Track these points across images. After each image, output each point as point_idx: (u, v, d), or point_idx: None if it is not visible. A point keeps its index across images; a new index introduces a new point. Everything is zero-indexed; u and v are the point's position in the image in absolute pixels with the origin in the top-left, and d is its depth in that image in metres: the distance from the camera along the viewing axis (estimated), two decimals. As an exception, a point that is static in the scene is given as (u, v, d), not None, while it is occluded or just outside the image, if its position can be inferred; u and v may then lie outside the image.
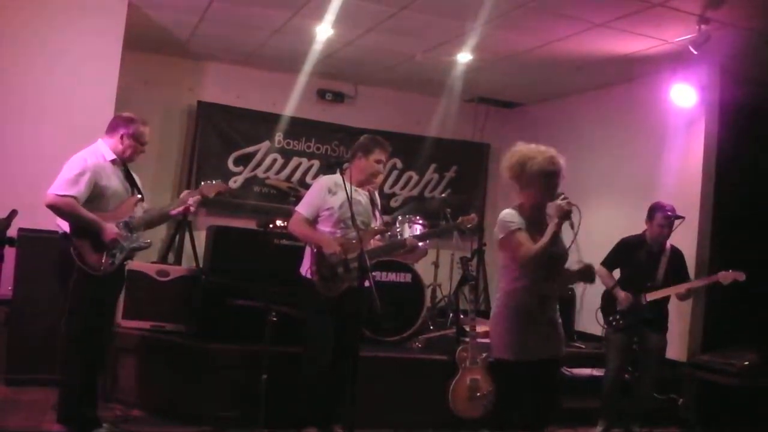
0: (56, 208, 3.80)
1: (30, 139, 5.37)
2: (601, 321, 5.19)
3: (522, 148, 3.52)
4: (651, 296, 4.99)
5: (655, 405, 5.38)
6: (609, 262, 5.22)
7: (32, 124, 5.39)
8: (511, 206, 3.55)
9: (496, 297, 3.61)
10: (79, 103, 5.49)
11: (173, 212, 4.25)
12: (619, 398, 5.11)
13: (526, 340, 3.44)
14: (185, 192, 4.41)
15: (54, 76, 5.49)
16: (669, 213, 5.00)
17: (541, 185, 3.43)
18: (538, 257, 3.35)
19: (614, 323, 5.05)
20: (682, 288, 5.00)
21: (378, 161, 4.45)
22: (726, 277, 4.82)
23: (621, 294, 5.04)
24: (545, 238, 3.36)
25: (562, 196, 3.37)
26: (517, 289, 3.47)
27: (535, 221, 3.50)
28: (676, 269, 5.12)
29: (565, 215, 3.33)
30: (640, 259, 5.08)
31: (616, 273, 5.24)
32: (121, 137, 4.05)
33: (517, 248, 3.39)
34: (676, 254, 5.15)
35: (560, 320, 3.58)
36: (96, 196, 3.90)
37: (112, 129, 4.10)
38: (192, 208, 4.24)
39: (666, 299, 5.09)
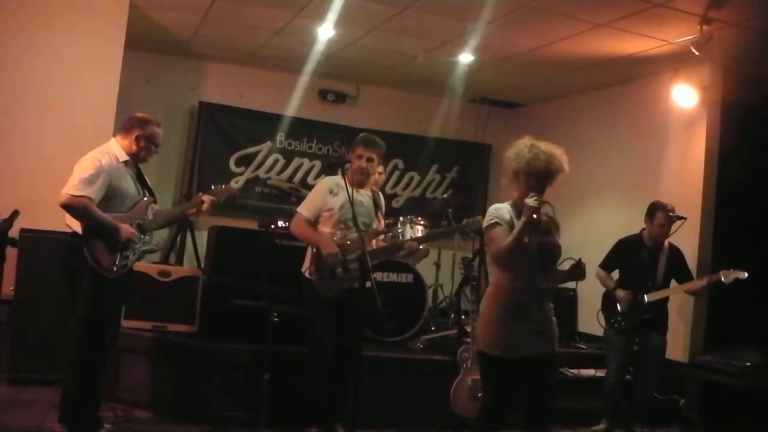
0: (71, 208, 3.77)
1: (32, 140, 5.36)
2: (603, 322, 5.19)
3: (524, 142, 3.52)
4: (651, 297, 4.98)
5: (656, 405, 5.37)
6: (608, 264, 5.21)
7: (34, 124, 5.39)
8: (508, 201, 3.58)
9: (487, 290, 3.58)
10: (80, 104, 5.49)
11: (189, 212, 4.35)
12: (620, 399, 5.10)
13: (514, 335, 3.38)
14: (199, 195, 4.41)
15: (55, 77, 5.48)
16: (670, 212, 5.00)
17: (522, 181, 3.46)
18: (505, 253, 3.37)
19: (615, 325, 5.05)
20: (683, 288, 5.01)
21: (359, 157, 4.33)
22: (728, 275, 4.79)
23: (621, 295, 5.04)
24: (511, 236, 3.37)
25: (531, 194, 3.37)
26: (508, 283, 3.44)
27: None
28: (677, 267, 5.11)
29: (532, 212, 3.32)
30: (639, 259, 5.06)
31: (615, 274, 5.23)
32: (136, 138, 4.02)
33: (489, 243, 3.49)
34: (675, 252, 5.13)
35: (554, 318, 3.52)
36: (109, 197, 3.88)
37: (126, 130, 4.05)
38: (205, 207, 4.24)
39: (666, 299, 5.08)
